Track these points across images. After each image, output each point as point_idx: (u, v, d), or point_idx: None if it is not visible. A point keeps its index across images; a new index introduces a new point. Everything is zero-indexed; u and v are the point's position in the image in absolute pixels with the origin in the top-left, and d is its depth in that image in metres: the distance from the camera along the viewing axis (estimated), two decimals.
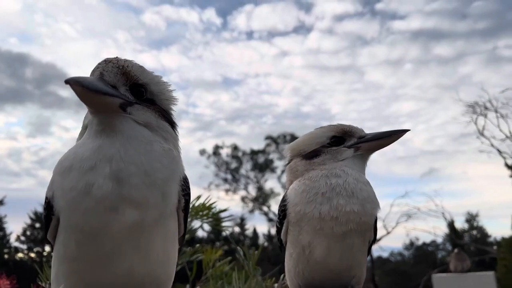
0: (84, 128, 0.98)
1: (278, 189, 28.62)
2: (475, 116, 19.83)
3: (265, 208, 28.41)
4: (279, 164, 28.94)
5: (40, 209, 24.18)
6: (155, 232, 0.89)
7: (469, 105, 19.99)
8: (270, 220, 28.01)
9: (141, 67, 0.96)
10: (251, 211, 28.31)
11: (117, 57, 0.95)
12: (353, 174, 1.26)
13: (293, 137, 30.19)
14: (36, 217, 24.88)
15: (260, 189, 28.68)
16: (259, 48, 38.57)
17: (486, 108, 19.55)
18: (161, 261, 0.92)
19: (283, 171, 29.22)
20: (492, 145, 19.60)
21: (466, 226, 30.25)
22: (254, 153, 28.60)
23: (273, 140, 29.20)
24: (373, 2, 39.97)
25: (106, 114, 0.90)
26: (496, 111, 19.56)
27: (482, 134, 19.63)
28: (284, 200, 1.31)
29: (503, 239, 13.18)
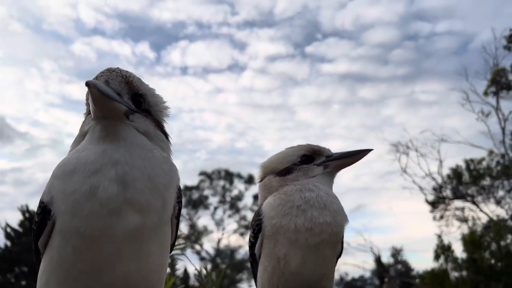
0: (83, 135, 0.97)
1: (211, 226, 28.18)
2: (398, 155, 21.26)
3: (197, 246, 27.69)
4: (213, 200, 28.66)
5: None
6: (153, 238, 0.89)
7: (393, 144, 21.43)
8: (202, 259, 27.27)
9: (140, 78, 0.99)
10: (183, 249, 27.41)
11: (118, 67, 0.98)
12: (324, 189, 1.36)
13: (228, 173, 30.40)
14: None
15: (192, 226, 28.02)
16: (194, 84, 38.94)
17: (408, 147, 21.06)
18: (156, 268, 0.92)
19: (216, 208, 29.11)
20: (414, 182, 21.03)
21: (391, 260, 31.61)
22: (187, 189, 28.07)
23: (207, 176, 29.00)
24: (303, 45, 42.38)
25: (110, 120, 0.91)
26: (416, 151, 21.13)
27: (405, 171, 21.02)
28: (259, 214, 1.37)
29: (426, 272, 13.90)
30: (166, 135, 1.03)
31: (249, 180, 30.42)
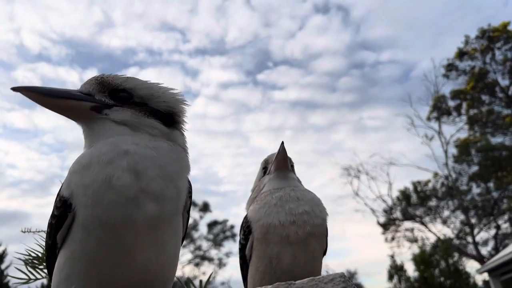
0: None
1: None
2: (350, 178, 21.88)
3: None
4: None
5: None
6: (169, 228, 0.93)
7: (344, 168, 22.05)
8: None
9: (129, 77, 1.03)
10: None
11: (103, 73, 1.03)
12: (289, 186, 1.49)
13: None
14: None
15: None
16: None
17: (358, 171, 21.75)
18: (171, 259, 0.96)
19: None
20: (366, 204, 21.63)
21: None
22: None
23: None
24: (255, 73, 43.21)
25: (83, 118, 0.98)
26: (367, 174, 21.84)
27: (357, 194, 21.63)
28: (247, 220, 1.47)
29: None
30: (172, 122, 1.03)
31: (204, 207, 30.03)
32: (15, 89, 0.89)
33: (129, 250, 0.86)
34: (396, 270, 13.81)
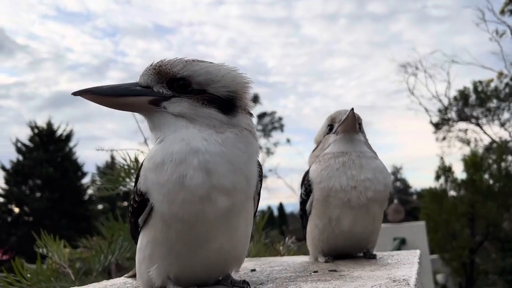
0: None
1: None
2: (407, 76, 20.97)
3: None
4: None
5: None
6: (241, 214, 0.99)
7: (402, 65, 21.03)
8: None
9: (188, 62, 0.99)
10: None
11: (162, 59, 1.01)
12: (355, 151, 1.45)
13: None
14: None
15: None
16: None
17: (416, 68, 20.70)
18: (243, 239, 1.04)
19: None
20: (420, 104, 20.99)
21: (391, 178, 32.54)
22: None
23: None
24: None
25: (146, 113, 1.00)
26: (425, 71, 20.80)
27: (412, 93, 20.89)
28: (308, 178, 1.49)
29: (426, 190, 14.39)
30: (234, 106, 1.00)
31: (254, 99, 30.18)
32: (75, 93, 0.93)
33: (205, 239, 0.95)
34: (444, 171, 13.82)
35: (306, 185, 1.49)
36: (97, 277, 2.35)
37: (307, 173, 1.52)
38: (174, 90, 0.99)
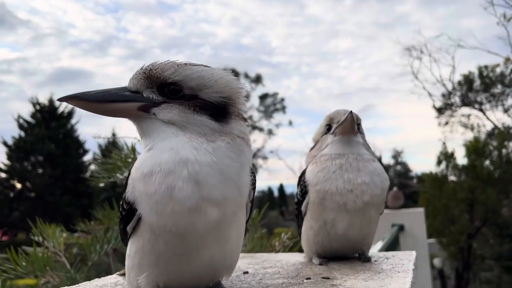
0: None
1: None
2: (411, 60, 20.74)
3: None
4: None
5: None
6: (232, 224, 0.96)
7: (407, 48, 20.78)
8: None
9: (179, 65, 0.95)
10: None
11: (153, 62, 0.96)
12: (353, 153, 1.42)
13: (235, 72, 29.67)
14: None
15: None
16: None
17: (421, 52, 20.46)
18: (234, 247, 1.02)
19: None
20: (424, 88, 20.83)
21: (392, 161, 32.66)
22: None
23: None
24: None
25: (135, 120, 0.97)
26: (430, 55, 20.56)
27: (416, 77, 20.70)
28: (304, 180, 1.47)
29: (426, 175, 14.37)
30: (227, 112, 0.96)
31: (257, 79, 30.06)
32: (61, 99, 0.90)
33: (194, 250, 0.92)
34: (445, 156, 13.79)
35: (302, 186, 1.47)
36: (93, 265, 2.38)
37: (303, 173, 1.50)
38: (165, 95, 0.95)
